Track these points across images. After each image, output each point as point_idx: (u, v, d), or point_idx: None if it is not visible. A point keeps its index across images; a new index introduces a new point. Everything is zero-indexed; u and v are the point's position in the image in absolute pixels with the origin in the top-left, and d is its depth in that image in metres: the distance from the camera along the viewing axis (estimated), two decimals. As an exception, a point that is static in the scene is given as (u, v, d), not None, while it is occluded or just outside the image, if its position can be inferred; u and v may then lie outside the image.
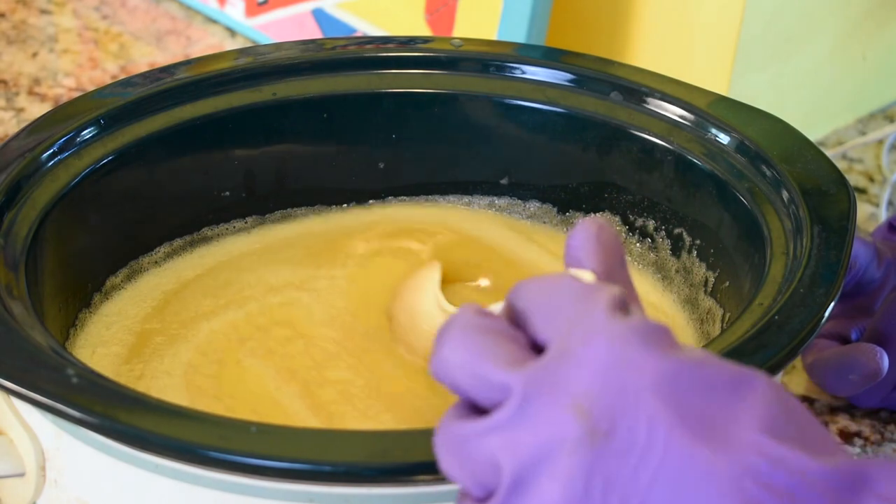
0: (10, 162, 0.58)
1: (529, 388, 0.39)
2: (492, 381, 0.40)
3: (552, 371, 0.40)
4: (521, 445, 0.39)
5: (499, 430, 0.40)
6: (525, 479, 0.39)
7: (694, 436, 0.38)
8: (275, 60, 0.67)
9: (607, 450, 0.38)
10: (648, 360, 0.39)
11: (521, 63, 0.67)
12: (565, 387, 0.39)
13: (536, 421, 0.39)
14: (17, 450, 0.51)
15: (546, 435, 0.39)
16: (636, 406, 0.39)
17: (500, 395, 0.40)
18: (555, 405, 0.39)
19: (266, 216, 0.67)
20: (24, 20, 1.04)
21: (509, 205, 0.69)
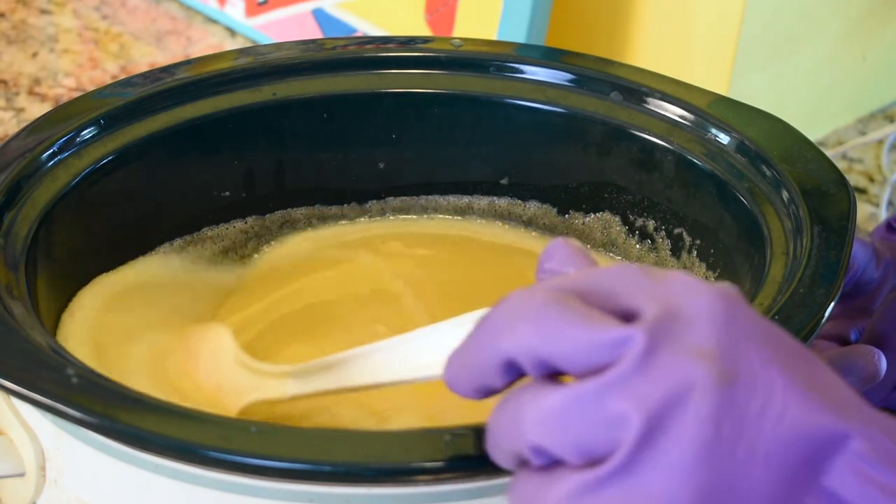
0: (10, 162, 0.58)
1: (654, 338, 0.39)
2: (605, 339, 0.40)
3: (668, 323, 0.39)
4: (649, 396, 0.39)
5: (620, 384, 0.39)
6: (654, 429, 0.39)
7: (806, 386, 0.40)
8: (275, 60, 0.67)
9: (735, 393, 0.39)
10: (753, 315, 0.41)
11: (521, 63, 0.68)
12: (687, 336, 0.39)
13: (663, 370, 0.39)
14: (17, 450, 0.51)
15: (674, 383, 0.39)
16: (753, 353, 0.40)
17: (611, 353, 0.39)
18: (680, 353, 0.39)
19: (266, 216, 0.67)
20: (24, 20, 1.04)
21: (509, 205, 0.69)
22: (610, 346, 0.39)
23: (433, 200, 0.69)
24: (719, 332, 0.40)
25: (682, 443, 0.38)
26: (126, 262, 0.63)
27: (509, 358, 0.41)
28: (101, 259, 0.63)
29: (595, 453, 0.39)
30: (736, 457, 0.39)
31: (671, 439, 0.39)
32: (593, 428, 0.39)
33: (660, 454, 0.39)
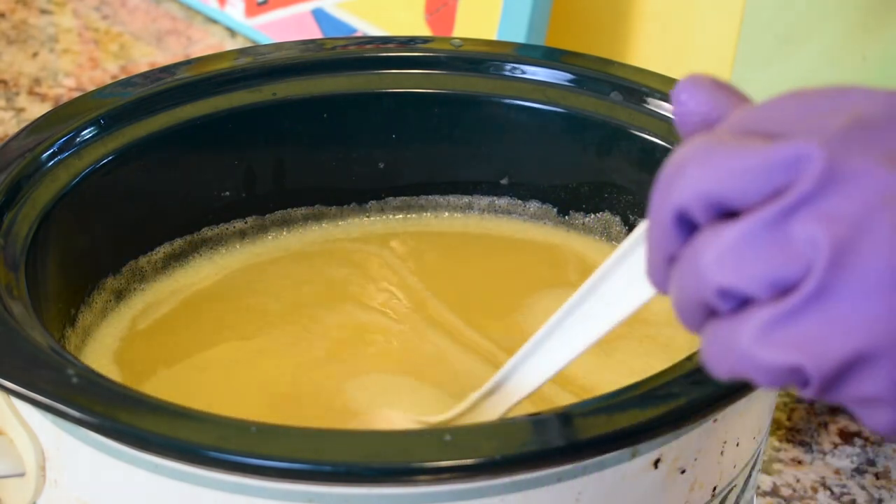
0: (10, 162, 0.58)
1: (831, 151, 0.36)
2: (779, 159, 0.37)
3: (849, 132, 0.37)
4: (836, 213, 0.36)
5: (802, 205, 0.36)
6: (846, 249, 0.36)
7: None
8: (275, 60, 0.67)
9: None
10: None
11: (521, 63, 0.68)
12: (871, 141, 0.36)
13: (848, 184, 0.36)
14: (17, 450, 0.51)
15: (864, 196, 0.36)
16: None
17: (788, 174, 0.37)
18: (866, 163, 0.36)
19: (266, 216, 0.67)
20: (24, 20, 1.04)
21: (509, 205, 0.69)
22: (786, 167, 0.37)
23: (433, 200, 0.69)
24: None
25: (880, 258, 0.36)
26: (126, 263, 0.63)
27: (680, 208, 0.38)
28: (101, 259, 0.63)
29: (785, 283, 0.37)
30: None
31: (867, 256, 0.36)
32: (779, 256, 0.37)
33: (857, 273, 0.36)
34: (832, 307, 0.36)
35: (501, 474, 0.46)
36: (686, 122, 0.41)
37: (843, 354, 0.36)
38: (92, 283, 0.62)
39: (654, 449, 0.49)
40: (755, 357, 0.37)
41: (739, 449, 0.52)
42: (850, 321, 0.36)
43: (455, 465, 0.44)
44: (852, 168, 0.36)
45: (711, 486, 0.52)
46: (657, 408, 0.47)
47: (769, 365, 0.37)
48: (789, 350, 0.37)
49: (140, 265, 0.64)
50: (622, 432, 0.46)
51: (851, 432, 0.70)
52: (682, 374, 0.48)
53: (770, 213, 0.37)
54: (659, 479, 0.49)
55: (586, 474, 0.47)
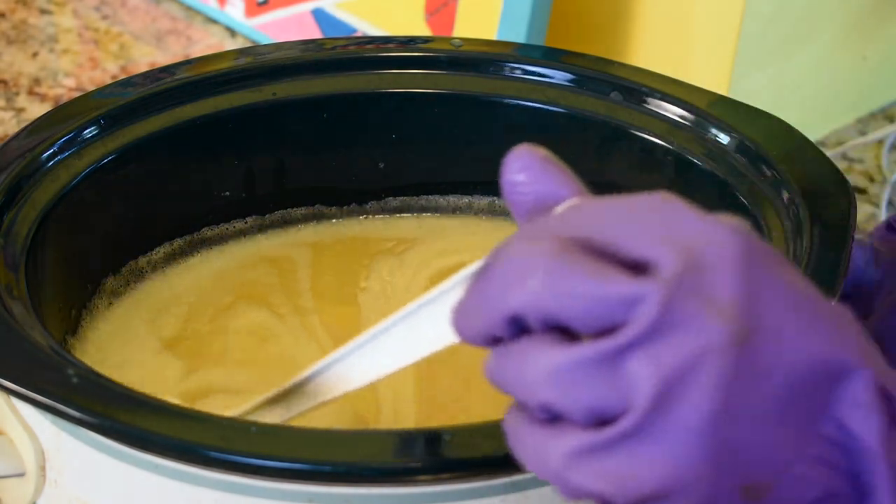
0: (10, 162, 0.58)
1: (668, 297, 0.37)
2: (619, 297, 0.38)
3: (686, 276, 0.38)
4: (664, 359, 0.37)
5: (635, 346, 0.37)
6: (668, 394, 0.37)
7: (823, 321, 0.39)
8: (275, 60, 0.67)
9: (752, 349, 0.38)
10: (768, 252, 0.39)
11: (521, 63, 0.67)
12: (706, 289, 0.38)
13: (679, 331, 0.37)
14: (17, 450, 0.51)
15: (690, 345, 0.37)
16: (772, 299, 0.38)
17: (625, 312, 0.38)
18: (698, 311, 0.37)
19: (266, 216, 0.67)
20: (24, 20, 1.04)
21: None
22: (624, 305, 0.38)
23: (433, 200, 0.69)
24: (740, 282, 0.38)
25: (697, 406, 0.37)
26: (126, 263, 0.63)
27: (517, 313, 0.39)
28: (101, 259, 0.63)
29: (604, 415, 0.38)
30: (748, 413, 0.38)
31: (686, 403, 0.37)
32: (604, 389, 0.38)
33: (673, 418, 0.37)
34: (644, 448, 0.38)
35: (501, 474, 0.46)
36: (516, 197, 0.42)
37: (644, 491, 0.38)
38: (92, 284, 0.62)
39: (654, 449, 0.48)
40: (562, 477, 0.39)
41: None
42: (656, 463, 0.38)
43: (455, 465, 0.44)
44: (683, 316, 0.37)
45: (711, 486, 0.52)
46: (657, 408, 0.47)
47: (575, 488, 0.39)
48: (596, 479, 0.38)
49: (140, 265, 0.64)
50: (622, 432, 0.46)
51: (851, 432, 0.70)
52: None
53: (603, 347, 0.38)
54: (659, 479, 0.49)
55: (586, 474, 0.47)
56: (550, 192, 0.42)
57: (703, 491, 0.38)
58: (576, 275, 0.38)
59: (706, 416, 0.37)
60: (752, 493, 0.39)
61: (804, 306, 0.39)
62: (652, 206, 0.40)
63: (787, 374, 0.38)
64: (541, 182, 0.42)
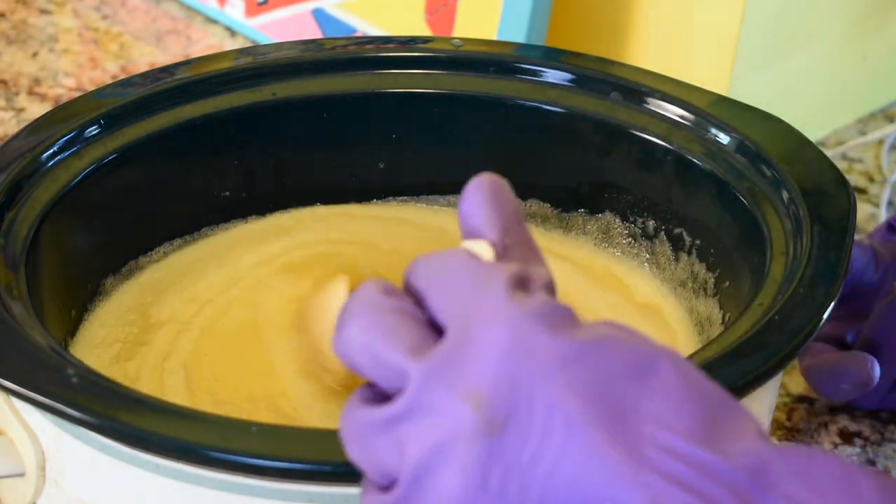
0: (10, 162, 0.58)
1: (427, 377, 0.39)
2: (392, 366, 0.40)
3: (448, 359, 0.39)
4: (421, 435, 0.39)
5: (398, 419, 0.39)
6: (425, 469, 0.39)
7: (596, 424, 0.38)
8: (275, 60, 0.67)
9: (503, 440, 0.38)
10: (549, 345, 0.39)
11: (521, 63, 0.67)
12: (462, 376, 0.39)
13: (434, 411, 0.39)
14: (17, 450, 0.51)
15: (444, 425, 0.39)
16: (535, 394, 0.38)
17: (399, 381, 0.40)
18: (451, 395, 0.39)
19: (266, 216, 0.67)
20: (24, 20, 1.04)
21: (509, 205, 0.69)
22: (398, 375, 0.40)
23: (433, 200, 0.69)
24: (500, 370, 0.39)
25: (444, 490, 0.39)
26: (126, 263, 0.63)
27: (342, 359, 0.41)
28: (102, 259, 0.63)
29: (390, 478, 0.40)
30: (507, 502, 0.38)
31: (440, 483, 0.39)
32: (381, 455, 0.40)
33: (428, 496, 0.39)
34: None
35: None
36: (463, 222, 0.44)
37: None
38: (92, 283, 0.62)
39: (654, 449, 0.48)
40: None
41: (739, 449, 0.52)
42: None
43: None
44: (436, 398, 0.39)
45: (711, 486, 0.52)
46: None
47: None
48: None
49: (140, 265, 0.64)
50: (622, 432, 0.46)
51: (851, 432, 0.70)
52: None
53: (380, 415, 0.40)
54: (659, 479, 0.49)
55: (586, 474, 0.47)
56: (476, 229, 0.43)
57: None
58: (371, 333, 0.40)
59: (460, 498, 0.38)
60: None
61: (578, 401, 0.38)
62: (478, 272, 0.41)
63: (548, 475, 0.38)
64: (472, 217, 0.43)
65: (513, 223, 0.43)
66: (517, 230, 0.43)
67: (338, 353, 0.41)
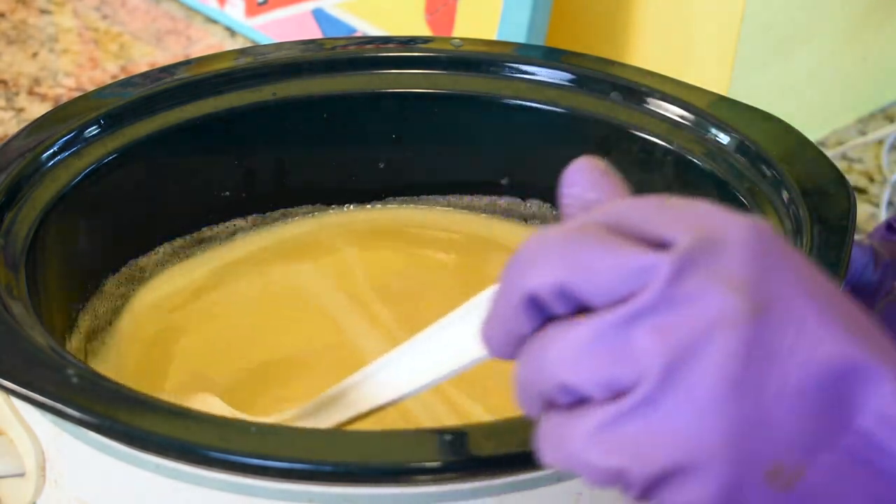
0: (10, 162, 0.58)
1: (682, 267, 0.37)
2: (630, 266, 0.38)
3: (702, 251, 0.37)
4: (674, 328, 0.37)
5: (643, 315, 0.37)
6: (679, 363, 0.37)
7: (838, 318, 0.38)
8: (275, 60, 0.67)
9: (766, 325, 0.37)
10: (786, 246, 0.39)
11: (521, 63, 0.68)
12: (720, 265, 0.37)
13: (690, 300, 0.37)
14: (17, 450, 0.51)
15: (701, 314, 0.37)
16: (787, 283, 0.38)
17: (636, 282, 0.37)
18: (712, 283, 0.37)
19: (266, 214, 0.67)
20: (24, 20, 1.04)
21: (509, 205, 0.69)
22: (635, 274, 0.38)
23: (433, 200, 0.69)
24: (753, 260, 0.38)
25: (708, 378, 0.37)
26: (126, 263, 0.63)
27: (532, 294, 0.39)
28: (101, 259, 0.63)
29: (620, 387, 0.38)
30: (765, 392, 0.37)
31: (697, 374, 0.37)
32: (616, 361, 0.38)
33: (685, 389, 0.37)
34: (657, 419, 0.37)
35: (501, 474, 0.46)
36: (568, 204, 0.42)
37: (662, 464, 0.37)
38: (92, 283, 0.62)
39: (654, 449, 0.48)
40: (583, 457, 0.38)
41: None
42: (671, 433, 0.37)
43: (455, 465, 0.44)
44: (693, 287, 0.37)
45: (711, 486, 0.52)
46: (657, 408, 0.47)
47: (595, 466, 0.38)
48: (614, 454, 0.38)
49: (140, 265, 0.64)
50: (622, 432, 0.46)
51: (851, 432, 0.70)
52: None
53: (614, 317, 0.38)
54: (659, 479, 0.49)
55: (586, 474, 0.47)
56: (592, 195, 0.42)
57: (725, 470, 0.37)
58: (588, 247, 0.38)
59: (719, 389, 0.37)
60: (780, 479, 0.38)
61: (823, 299, 0.38)
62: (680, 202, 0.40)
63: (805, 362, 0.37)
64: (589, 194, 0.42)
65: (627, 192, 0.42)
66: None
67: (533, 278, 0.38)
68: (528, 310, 0.39)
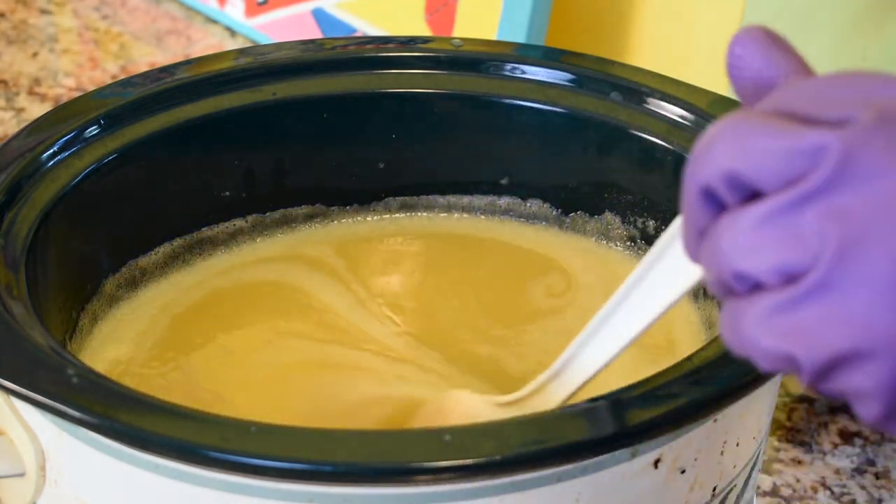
0: (10, 162, 0.58)
1: (852, 147, 0.36)
2: (800, 147, 0.37)
3: (874, 131, 0.36)
4: (847, 209, 0.36)
5: (814, 196, 0.36)
6: (854, 245, 0.36)
7: None
8: (275, 60, 0.67)
9: None
10: None
11: (521, 63, 0.68)
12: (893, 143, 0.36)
13: (864, 180, 0.36)
14: (17, 450, 0.51)
15: (877, 194, 0.36)
16: None
17: (809, 162, 0.36)
18: (884, 162, 0.36)
19: (266, 214, 0.67)
20: (24, 20, 1.04)
21: (509, 205, 0.69)
22: (805, 155, 0.36)
23: (433, 200, 0.69)
24: None
25: (885, 261, 0.36)
26: (126, 263, 0.63)
27: (705, 184, 0.38)
28: (101, 259, 0.63)
29: (793, 271, 0.37)
30: None
31: (873, 257, 0.36)
32: (789, 245, 0.37)
33: (860, 273, 0.36)
34: (831, 302, 0.36)
35: (501, 474, 0.46)
36: (738, 77, 0.41)
37: (835, 349, 0.37)
38: (92, 283, 0.62)
39: (654, 449, 0.49)
40: (755, 341, 0.38)
41: (739, 449, 0.52)
42: (846, 318, 0.36)
43: (455, 465, 0.44)
44: (868, 165, 0.36)
45: (711, 487, 0.52)
46: (657, 408, 0.47)
47: (766, 350, 0.38)
48: (785, 338, 0.37)
49: (140, 265, 0.64)
50: (622, 432, 0.46)
51: (851, 432, 0.70)
52: (682, 374, 0.48)
53: (784, 200, 0.37)
54: (659, 480, 0.49)
55: (586, 474, 0.47)
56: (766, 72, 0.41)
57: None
58: (758, 131, 0.37)
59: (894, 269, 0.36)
60: None
61: None
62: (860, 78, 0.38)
63: None
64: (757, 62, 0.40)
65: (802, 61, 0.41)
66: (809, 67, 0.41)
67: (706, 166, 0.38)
68: (703, 201, 0.39)
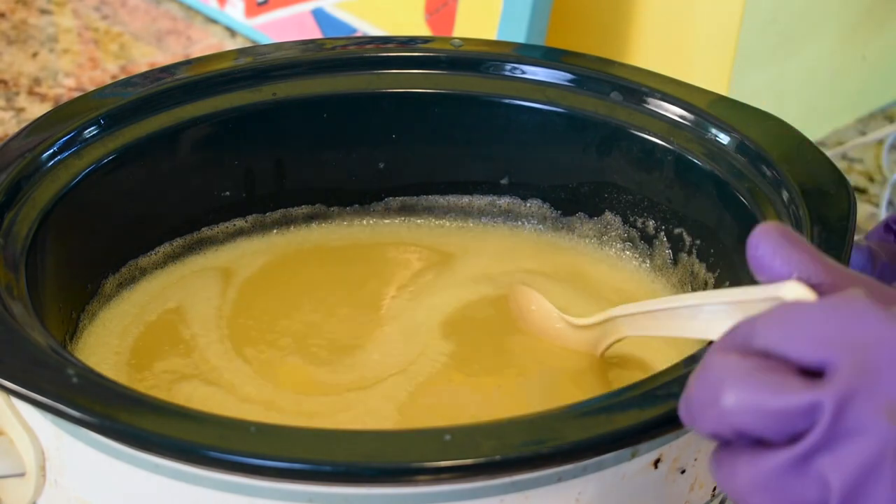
0: (10, 162, 0.58)
1: (844, 401, 0.40)
2: (796, 408, 0.41)
3: (860, 380, 0.40)
4: (846, 459, 0.40)
5: (814, 451, 0.41)
6: (856, 491, 0.40)
7: None
8: (275, 60, 0.67)
9: None
10: None
11: (521, 63, 0.68)
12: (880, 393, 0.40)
13: (856, 432, 0.40)
14: (17, 450, 0.51)
15: (869, 448, 0.40)
16: None
17: (804, 421, 0.41)
18: (869, 414, 0.40)
19: (266, 214, 0.67)
20: (24, 20, 1.04)
21: (509, 204, 0.69)
22: (802, 415, 0.41)
23: (433, 200, 0.69)
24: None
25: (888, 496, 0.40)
26: (126, 263, 0.63)
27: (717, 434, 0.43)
28: (102, 259, 0.63)
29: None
30: None
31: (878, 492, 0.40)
32: (800, 491, 0.41)
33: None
34: None
35: (501, 474, 0.46)
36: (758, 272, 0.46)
37: None
38: (92, 283, 0.62)
39: (654, 449, 0.49)
40: None
41: (739, 449, 0.52)
42: None
43: (455, 465, 0.44)
44: (858, 420, 0.40)
45: (711, 486, 0.52)
46: (657, 408, 0.47)
47: None
48: None
49: (140, 265, 0.64)
50: (622, 432, 0.46)
51: (851, 432, 0.70)
52: (682, 374, 0.48)
53: (791, 455, 0.41)
54: (659, 480, 0.49)
55: (586, 474, 0.47)
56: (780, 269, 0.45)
57: None
58: (757, 393, 0.41)
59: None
60: None
61: None
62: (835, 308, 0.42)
63: None
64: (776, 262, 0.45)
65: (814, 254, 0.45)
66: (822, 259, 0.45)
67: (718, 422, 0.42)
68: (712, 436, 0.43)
